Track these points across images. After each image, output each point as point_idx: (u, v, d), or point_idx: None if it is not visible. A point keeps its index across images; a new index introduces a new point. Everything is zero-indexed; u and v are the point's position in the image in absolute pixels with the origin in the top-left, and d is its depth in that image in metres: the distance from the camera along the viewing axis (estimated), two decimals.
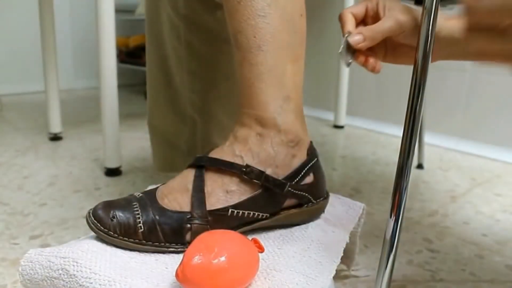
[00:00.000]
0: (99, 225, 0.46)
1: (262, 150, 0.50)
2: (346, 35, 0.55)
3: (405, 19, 0.56)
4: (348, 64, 0.57)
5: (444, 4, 0.96)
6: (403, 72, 1.51)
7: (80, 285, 0.42)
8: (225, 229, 0.46)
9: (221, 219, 0.49)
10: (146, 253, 0.47)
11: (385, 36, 0.57)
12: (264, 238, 0.52)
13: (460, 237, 0.85)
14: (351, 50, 0.56)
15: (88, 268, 0.42)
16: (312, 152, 0.54)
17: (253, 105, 0.50)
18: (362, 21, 0.60)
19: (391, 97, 1.72)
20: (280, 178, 0.51)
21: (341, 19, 0.58)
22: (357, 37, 0.55)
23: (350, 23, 0.57)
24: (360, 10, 0.58)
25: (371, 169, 1.26)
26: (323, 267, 0.47)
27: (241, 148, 0.50)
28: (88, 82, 2.66)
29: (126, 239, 0.46)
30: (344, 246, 0.53)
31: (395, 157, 1.39)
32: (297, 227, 0.55)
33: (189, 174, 0.51)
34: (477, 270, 0.73)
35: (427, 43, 0.49)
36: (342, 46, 0.55)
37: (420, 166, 1.28)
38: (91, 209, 0.48)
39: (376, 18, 0.59)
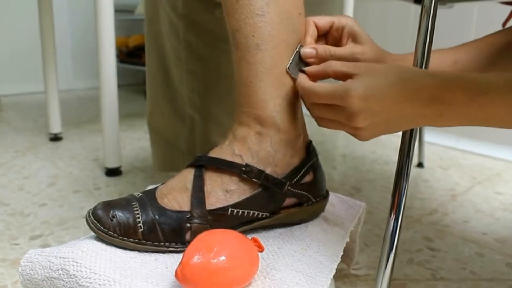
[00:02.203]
0: (98, 225, 0.46)
1: (261, 149, 0.50)
2: (298, 47, 0.52)
3: (363, 57, 0.55)
4: (295, 78, 0.51)
5: (443, 2, 0.96)
6: None
7: (80, 285, 0.42)
8: (224, 229, 0.46)
9: (220, 218, 0.49)
10: (146, 253, 0.47)
11: None
12: (264, 237, 0.52)
13: (460, 235, 0.85)
14: (303, 63, 0.52)
15: (88, 268, 0.42)
16: (311, 151, 0.54)
17: (252, 104, 0.50)
18: (324, 35, 0.57)
19: None
20: (279, 177, 0.51)
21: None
22: (308, 50, 0.52)
23: (310, 33, 0.54)
24: (324, 23, 0.55)
25: (371, 168, 1.26)
26: (323, 266, 0.47)
27: (240, 147, 0.50)
28: (87, 82, 2.66)
29: (126, 239, 0.46)
30: (344, 245, 0.54)
31: (395, 156, 1.39)
32: (297, 226, 0.55)
33: (189, 174, 0.51)
34: (477, 268, 0.73)
35: (426, 43, 0.49)
36: (291, 58, 0.51)
37: (420, 164, 1.28)
38: (91, 209, 0.48)
39: (338, 39, 0.57)
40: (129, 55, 2.47)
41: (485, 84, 0.42)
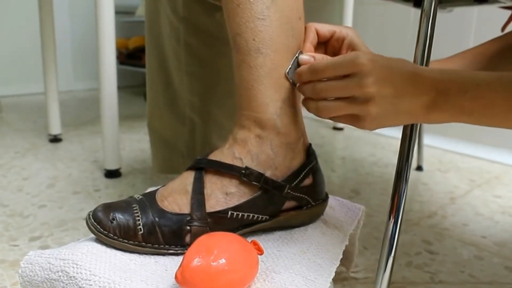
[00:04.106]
0: (98, 227, 0.46)
1: (261, 152, 0.50)
2: (298, 53, 0.52)
3: None
4: (294, 83, 0.52)
5: (443, 6, 0.96)
6: None
7: (80, 287, 0.42)
8: (224, 231, 0.46)
9: (220, 221, 0.49)
10: (146, 255, 0.47)
11: None
12: (263, 240, 0.52)
13: (459, 238, 0.85)
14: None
15: (87, 270, 0.43)
16: (311, 154, 0.54)
17: (252, 107, 0.51)
18: (324, 44, 0.57)
19: None
20: (279, 180, 0.51)
21: (305, 31, 0.55)
22: (306, 57, 0.52)
23: (310, 39, 0.54)
24: (325, 31, 0.55)
25: (370, 170, 1.26)
26: (322, 269, 0.47)
27: (241, 150, 0.50)
28: (87, 84, 2.66)
29: (126, 241, 0.47)
30: (343, 248, 0.54)
31: (394, 159, 1.39)
32: (297, 229, 0.55)
33: (189, 176, 0.51)
34: (476, 271, 0.73)
35: (426, 46, 0.49)
36: (291, 63, 0.51)
37: (419, 167, 1.28)
38: (91, 211, 0.48)
39: (337, 50, 0.57)
40: (129, 57, 2.47)
41: (477, 76, 0.44)
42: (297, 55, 0.52)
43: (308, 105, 0.50)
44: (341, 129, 1.79)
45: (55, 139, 1.47)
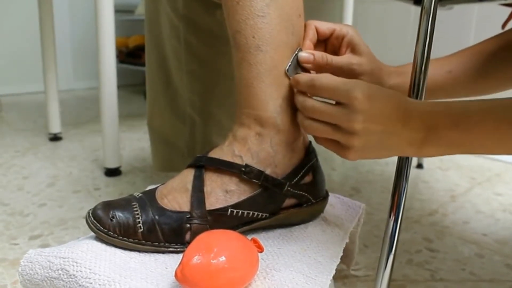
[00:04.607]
0: (98, 225, 0.46)
1: (261, 149, 0.50)
2: (297, 50, 0.52)
3: (360, 68, 0.55)
4: None
5: (443, 4, 0.96)
6: None
7: (80, 285, 0.42)
8: (224, 229, 0.46)
9: (220, 219, 0.49)
10: (146, 253, 0.47)
11: (332, 71, 0.54)
12: (263, 237, 0.52)
13: (460, 236, 0.85)
14: (300, 67, 0.52)
15: (87, 268, 0.43)
16: (311, 152, 0.54)
17: (252, 105, 0.50)
18: (324, 41, 0.57)
19: None
20: (279, 178, 0.51)
21: (304, 28, 0.54)
22: (305, 55, 0.52)
23: (309, 36, 0.53)
24: (325, 29, 0.55)
25: (371, 168, 1.26)
26: (322, 267, 0.47)
27: (241, 148, 0.50)
28: (87, 83, 2.66)
29: (126, 239, 0.46)
30: (344, 246, 0.54)
31: (394, 157, 1.39)
32: (297, 226, 0.55)
33: (189, 174, 0.51)
34: (477, 269, 0.73)
35: (426, 44, 0.49)
36: (290, 60, 0.51)
37: (419, 165, 1.28)
38: (90, 210, 0.48)
39: (337, 48, 0.56)
40: (129, 55, 2.47)
41: (468, 108, 0.43)
42: (296, 52, 0.51)
43: (298, 116, 0.50)
44: None
45: (55, 138, 1.47)
